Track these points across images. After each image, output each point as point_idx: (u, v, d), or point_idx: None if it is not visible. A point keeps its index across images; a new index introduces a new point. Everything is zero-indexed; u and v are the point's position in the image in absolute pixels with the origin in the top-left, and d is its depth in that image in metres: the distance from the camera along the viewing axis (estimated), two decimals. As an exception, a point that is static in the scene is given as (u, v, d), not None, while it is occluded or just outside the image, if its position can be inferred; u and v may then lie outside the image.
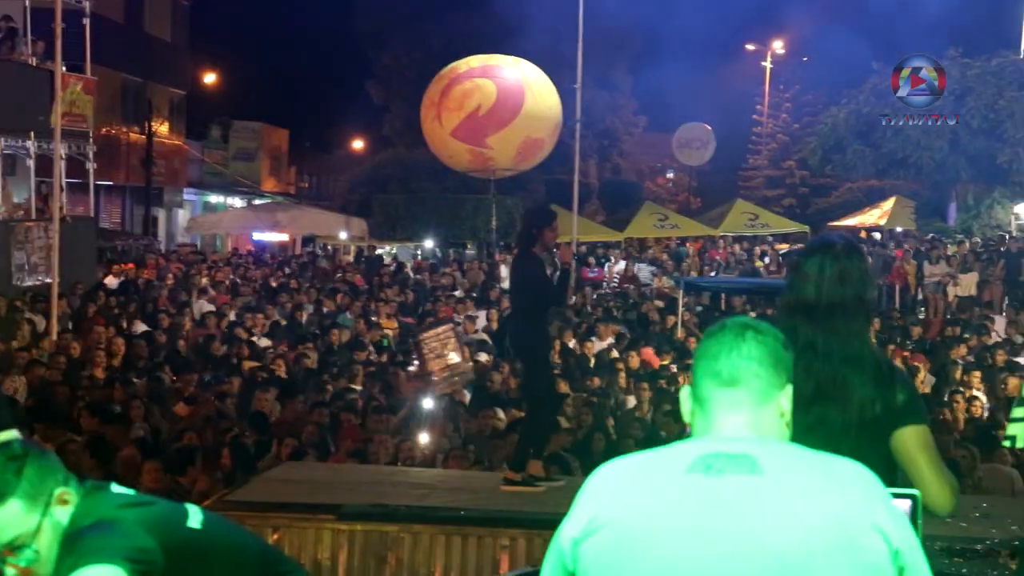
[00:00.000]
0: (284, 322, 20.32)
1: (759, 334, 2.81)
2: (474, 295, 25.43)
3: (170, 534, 3.61)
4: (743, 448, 2.69)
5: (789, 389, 2.82)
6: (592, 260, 34.21)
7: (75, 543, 3.45)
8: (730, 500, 2.61)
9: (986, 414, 13.96)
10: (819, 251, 4.24)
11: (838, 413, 3.67)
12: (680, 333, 20.04)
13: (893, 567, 2.60)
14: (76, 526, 3.52)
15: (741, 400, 2.77)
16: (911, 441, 3.86)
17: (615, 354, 17.16)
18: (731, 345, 2.79)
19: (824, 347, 3.64)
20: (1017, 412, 4.41)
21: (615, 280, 32.61)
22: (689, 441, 2.79)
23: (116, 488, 3.70)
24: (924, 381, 16.53)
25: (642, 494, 2.67)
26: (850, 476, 2.70)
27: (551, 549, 2.81)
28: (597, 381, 15.05)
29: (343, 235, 38.65)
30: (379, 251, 38.86)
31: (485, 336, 19.04)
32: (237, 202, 49.60)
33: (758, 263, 35.35)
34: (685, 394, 2.86)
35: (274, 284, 26.41)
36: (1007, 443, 4.31)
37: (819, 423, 2.75)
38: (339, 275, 29.37)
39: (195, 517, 3.77)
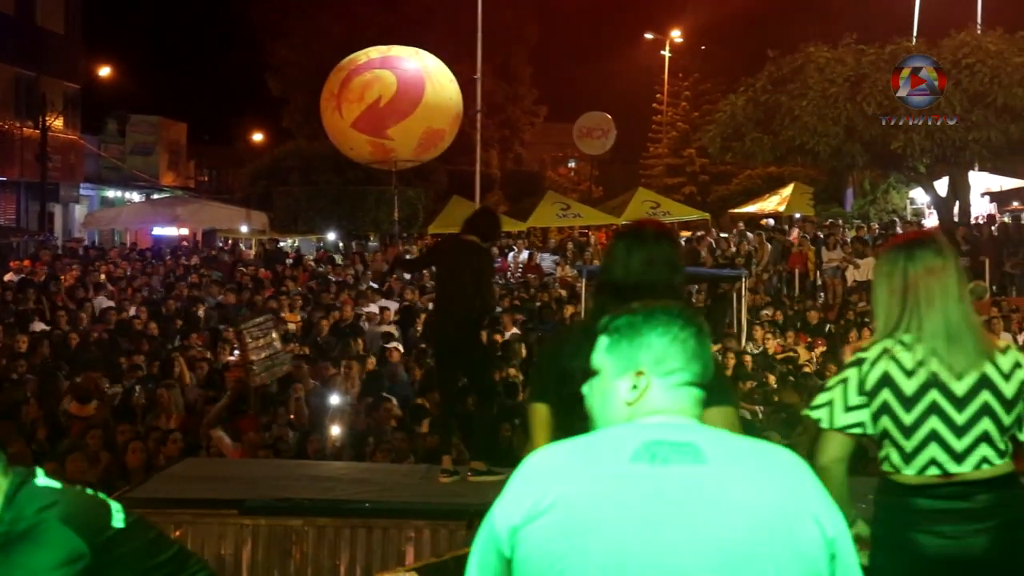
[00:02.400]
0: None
1: (701, 331, 2.83)
2: (374, 285, 25.31)
3: (95, 532, 3.57)
4: (686, 436, 2.68)
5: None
6: (495, 251, 34.21)
7: (6, 554, 3.40)
8: (676, 490, 2.59)
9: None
10: (628, 235, 4.45)
11: None
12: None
13: (826, 555, 2.61)
14: (8, 529, 3.47)
15: (687, 394, 2.79)
16: (715, 422, 3.93)
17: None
18: (682, 342, 2.79)
19: None
20: (825, 397, 4.54)
21: (519, 270, 32.64)
22: (630, 427, 2.75)
23: (42, 481, 3.65)
24: (812, 361, 16.80)
25: (586, 481, 2.63)
26: (787, 466, 2.71)
27: (481, 535, 2.73)
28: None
29: (244, 229, 38.32)
30: (280, 244, 38.59)
31: (392, 328, 18.98)
32: (135, 197, 49.02)
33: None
34: (625, 377, 2.80)
35: (171, 280, 26.10)
36: (856, 430, 4.42)
37: None
38: (241, 268, 29.09)
39: (118, 516, 3.72)
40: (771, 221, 41.87)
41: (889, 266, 4.47)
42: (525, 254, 34.34)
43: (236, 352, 14.93)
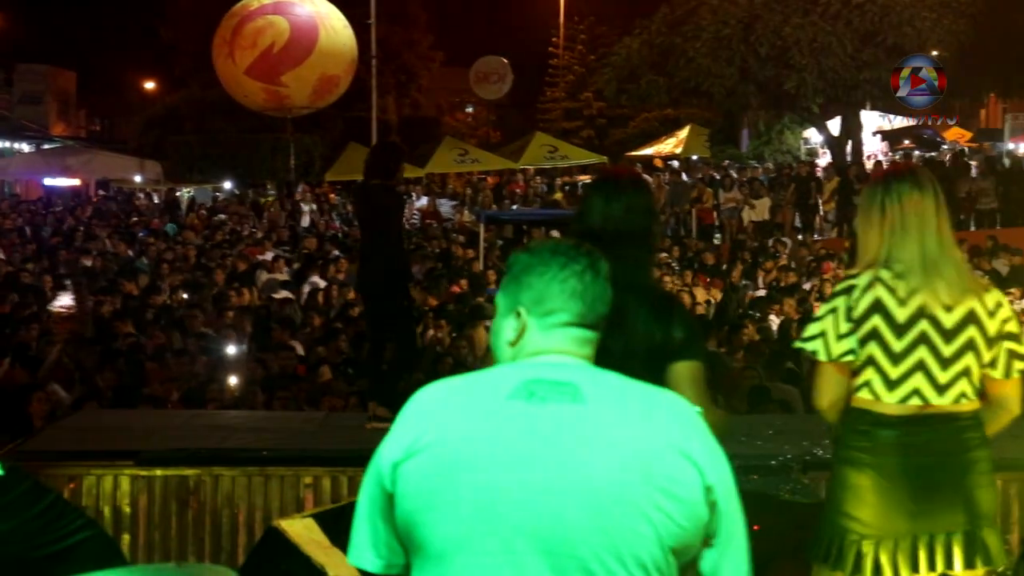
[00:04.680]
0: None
1: (594, 261, 2.81)
2: (273, 235, 25.15)
3: None
4: (566, 375, 2.67)
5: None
6: (395, 194, 34.02)
7: None
8: (551, 428, 2.58)
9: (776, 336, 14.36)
10: (607, 183, 4.46)
11: (619, 340, 3.76)
12: (478, 266, 20.11)
13: (704, 501, 2.61)
14: None
15: (572, 329, 2.77)
16: (682, 375, 4.08)
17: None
18: (575, 280, 2.77)
19: (610, 275, 3.72)
20: (816, 327, 4.62)
21: (417, 216, 32.59)
22: (513, 366, 2.77)
23: None
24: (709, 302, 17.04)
25: (464, 418, 2.64)
26: (669, 408, 2.70)
27: (369, 471, 2.74)
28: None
29: (138, 178, 37.85)
30: (176, 193, 38.16)
31: (287, 276, 18.88)
32: (24, 147, 48.07)
33: (558, 195, 35.63)
34: (516, 312, 2.80)
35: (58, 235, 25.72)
36: (848, 357, 4.51)
37: (602, 349, 2.80)
38: (135, 219, 28.79)
39: None
40: (675, 163, 42.18)
41: (868, 200, 4.52)
42: (424, 200, 34.29)
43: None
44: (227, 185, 40.28)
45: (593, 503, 2.54)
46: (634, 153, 46.95)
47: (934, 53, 27.32)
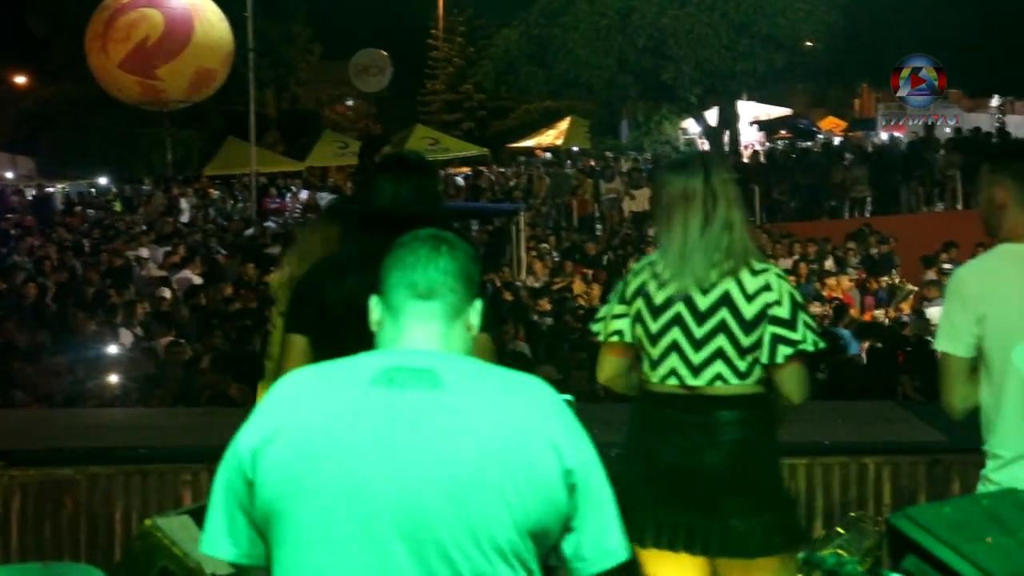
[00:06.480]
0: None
1: (453, 248, 2.80)
2: (145, 228, 24.82)
3: None
4: (427, 362, 2.67)
5: (479, 304, 2.85)
6: (274, 191, 33.85)
7: None
8: (409, 415, 2.59)
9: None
10: (394, 167, 4.56)
11: None
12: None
13: (563, 484, 2.61)
14: None
15: (434, 313, 2.76)
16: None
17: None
18: (427, 257, 2.76)
19: None
20: (603, 310, 4.76)
21: (299, 210, 32.37)
22: (375, 353, 2.77)
23: None
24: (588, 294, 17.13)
25: (322, 404, 2.64)
26: (528, 393, 2.71)
27: (226, 458, 2.71)
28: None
29: (9, 174, 37.14)
30: (49, 190, 37.47)
31: (165, 272, 18.67)
32: None
33: (441, 187, 35.61)
34: (374, 303, 2.82)
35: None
36: (615, 338, 4.60)
37: None
38: (9, 216, 28.24)
39: None
40: (548, 155, 42.37)
41: (655, 185, 4.66)
42: (304, 194, 34.11)
43: None
44: (102, 181, 39.66)
45: (451, 488, 2.55)
46: (515, 144, 47.11)
47: (808, 44, 27.76)
